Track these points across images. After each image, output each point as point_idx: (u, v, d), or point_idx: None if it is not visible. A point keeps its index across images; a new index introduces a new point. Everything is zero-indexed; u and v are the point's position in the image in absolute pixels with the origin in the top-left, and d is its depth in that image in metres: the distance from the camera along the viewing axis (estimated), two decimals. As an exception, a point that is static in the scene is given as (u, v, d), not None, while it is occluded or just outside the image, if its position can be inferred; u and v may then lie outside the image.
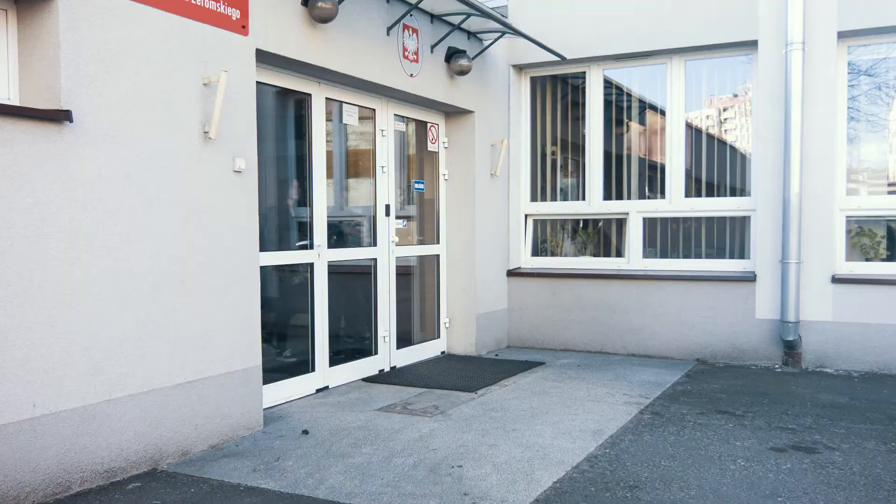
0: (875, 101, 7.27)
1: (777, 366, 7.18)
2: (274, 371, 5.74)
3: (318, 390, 6.14)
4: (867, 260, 7.19)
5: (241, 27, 4.86)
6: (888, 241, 7.23)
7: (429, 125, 7.75)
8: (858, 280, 6.94)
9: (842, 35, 6.99)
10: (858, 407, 5.62)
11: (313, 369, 6.10)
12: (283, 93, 5.95)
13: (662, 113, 8.02)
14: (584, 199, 8.41)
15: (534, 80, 8.70)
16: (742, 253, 7.65)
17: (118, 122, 4.10)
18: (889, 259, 7.15)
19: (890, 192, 7.30)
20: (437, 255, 7.94)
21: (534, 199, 8.72)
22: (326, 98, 6.15)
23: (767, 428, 5.08)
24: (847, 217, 7.15)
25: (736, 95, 8.08)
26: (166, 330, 4.38)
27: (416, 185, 7.71)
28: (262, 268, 5.25)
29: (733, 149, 8.03)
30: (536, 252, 8.73)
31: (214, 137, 4.62)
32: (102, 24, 4.01)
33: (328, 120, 6.26)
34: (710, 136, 8.11)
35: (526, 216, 8.70)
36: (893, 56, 7.14)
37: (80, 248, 3.91)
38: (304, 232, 6.09)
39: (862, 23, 6.86)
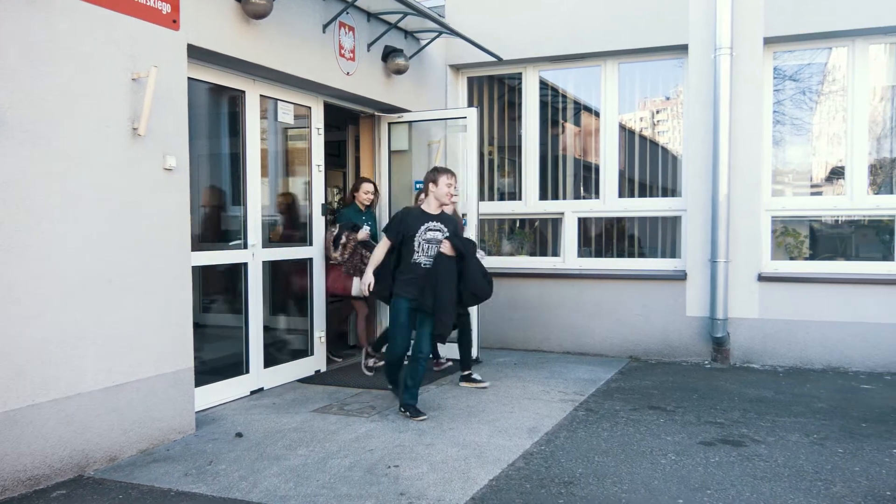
0: (799, 106, 7.53)
1: (707, 362, 7.37)
2: (207, 373, 5.63)
3: (253, 392, 6.04)
4: (791, 259, 7.44)
5: (172, 21, 4.75)
6: (811, 241, 7.49)
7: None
8: (783, 278, 7.18)
9: (768, 41, 7.21)
10: (783, 401, 5.81)
11: (247, 371, 6.00)
12: (217, 89, 5.84)
13: (597, 114, 8.14)
14: (520, 198, 8.48)
15: (471, 81, 8.74)
16: (674, 252, 7.83)
17: (41, 117, 3.95)
18: (811, 258, 7.41)
19: (813, 194, 7.57)
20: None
21: (471, 198, 8.74)
22: (261, 95, 6.05)
23: (697, 423, 5.21)
24: (773, 217, 7.38)
25: (668, 98, 8.26)
26: (92, 332, 4.25)
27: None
28: (194, 267, 5.14)
29: (665, 150, 8.21)
30: (474, 251, 8.76)
31: (144, 134, 4.50)
32: (24, 16, 3.86)
33: (263, 118, 6.16)
34: (644, 138, 8.27)
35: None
36: (817, 62, 7.40)
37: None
38: (238, 231, 5.99)
39: (787, 29, 7.09)
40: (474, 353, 6.99)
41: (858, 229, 7.37)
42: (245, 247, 5.93)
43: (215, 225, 6.16)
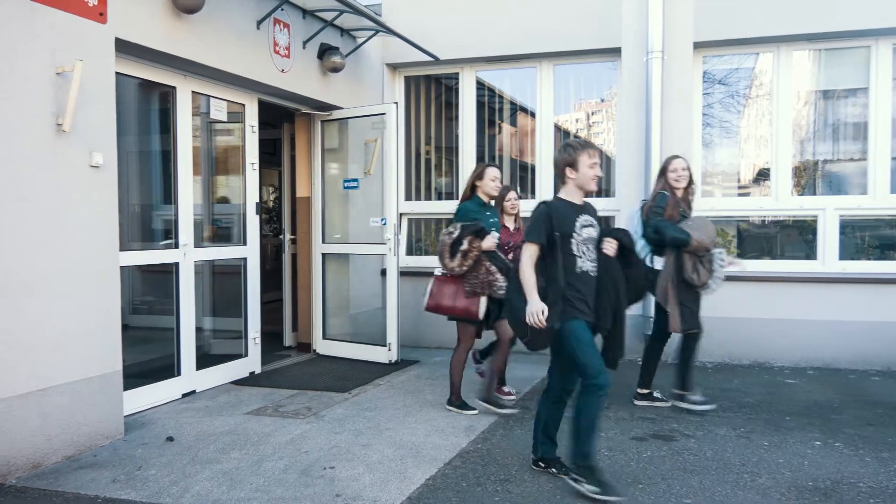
0: (728, 109, 7.74)
1: (640, 359, 7.48)
2: (137, 376, 5.48)
3: (185, 395, 5.91)
4: (720, 258, 7.62)
5: (99, 14, 4.61)
6: (738, 240, 7.71)
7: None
8: (712, 277, 7.35)
9: (698, 45, 7.39)
10: (712, 396, 5.94)
11: (179, 373, 5.86)
12: (147, 85, 5.70)
13: (533, 115, 8.22)
14: (457, 198, 8.47)
15: (408, 80, 8.72)
16: (608, 251, 7.94)
17: (-42, 111, 3.79)
18: (739, 257, 7.60)
19: (741, 195, 7.80)
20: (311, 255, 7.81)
21: (408, 198, 8.73)
22: (193, 92, 5.92)
23: (630, 419, 5.31)
24: (702, 217, 7.55)
25: (603, 100, 8.39)
26: (11, 335, 4.09)
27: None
28: (123, 268, 5.00)
29: (601, 151, 8.32)
30: (411, 251, 8.76)
31: (69, 130, 4.36)
32: (-61, 4, 3.70)
33: (195, 114, 6.03)
34: (579, 139, 8.37)
35: (401, 215, 8.70)
36: (745, 67, 7.62)
37: (-87, 247, 3.59)
38: (169, 230, 5.85)
39: (716, 34, 7.28)
40: (396, 354, 6.94)
41: (784, 229, 7.62)
42: (176, 246, 5.79)
43: (146, 224, 6.01)
